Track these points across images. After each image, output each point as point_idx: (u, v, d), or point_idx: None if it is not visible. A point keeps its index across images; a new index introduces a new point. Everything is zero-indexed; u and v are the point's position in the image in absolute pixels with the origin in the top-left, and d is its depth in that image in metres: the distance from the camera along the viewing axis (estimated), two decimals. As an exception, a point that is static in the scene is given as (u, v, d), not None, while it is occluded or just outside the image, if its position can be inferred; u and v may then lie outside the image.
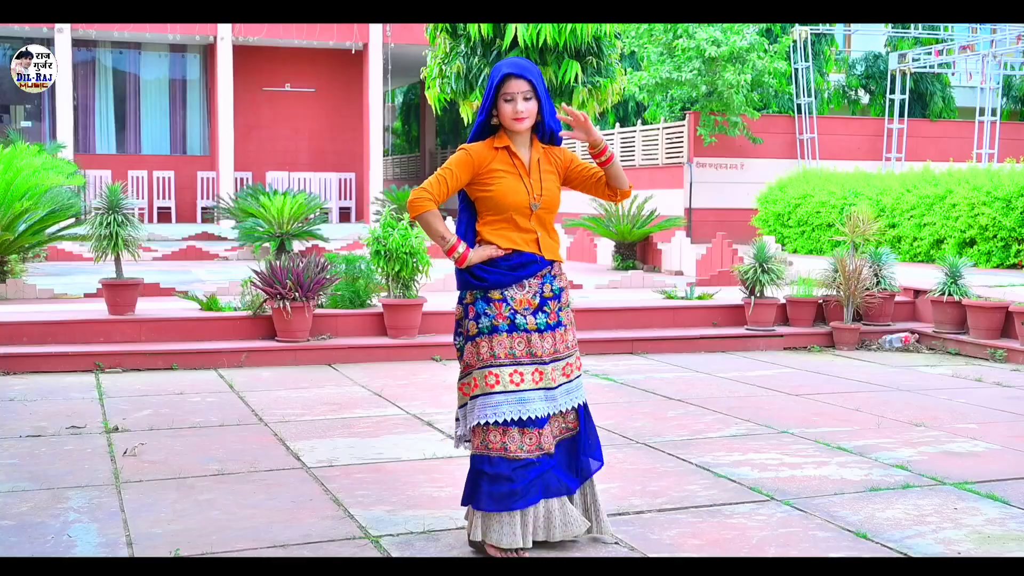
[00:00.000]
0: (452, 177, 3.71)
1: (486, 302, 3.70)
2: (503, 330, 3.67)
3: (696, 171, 19.92)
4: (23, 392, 6.77)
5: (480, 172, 3.72)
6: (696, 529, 4.14)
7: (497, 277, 3.70)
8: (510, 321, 3.68)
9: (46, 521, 4.15)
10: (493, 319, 3.68)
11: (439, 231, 3.70)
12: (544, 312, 3.74)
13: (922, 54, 23.28)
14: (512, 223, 3.74)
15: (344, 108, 22.79)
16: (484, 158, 3.73)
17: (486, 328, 3.68)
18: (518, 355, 3.68)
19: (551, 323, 3.75)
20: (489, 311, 3.69)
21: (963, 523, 4.25)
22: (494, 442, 3.68)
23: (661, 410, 6.47)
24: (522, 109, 3.66)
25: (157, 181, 21.37)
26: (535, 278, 3.75)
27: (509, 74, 3.65)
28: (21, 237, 10.14)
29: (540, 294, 3.75)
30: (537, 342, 3.70)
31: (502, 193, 3.70)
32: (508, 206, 3.71)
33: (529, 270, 3.73)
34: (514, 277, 3.71)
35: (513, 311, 3.69)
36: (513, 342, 3.68)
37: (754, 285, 9.39)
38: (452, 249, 3.70)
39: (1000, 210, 12.78)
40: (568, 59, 9.84)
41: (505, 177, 3.71)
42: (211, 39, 20.93)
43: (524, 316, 3.70)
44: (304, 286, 8.05)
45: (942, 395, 7.10)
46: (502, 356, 3.67)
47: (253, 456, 5.22)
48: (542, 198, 3.76)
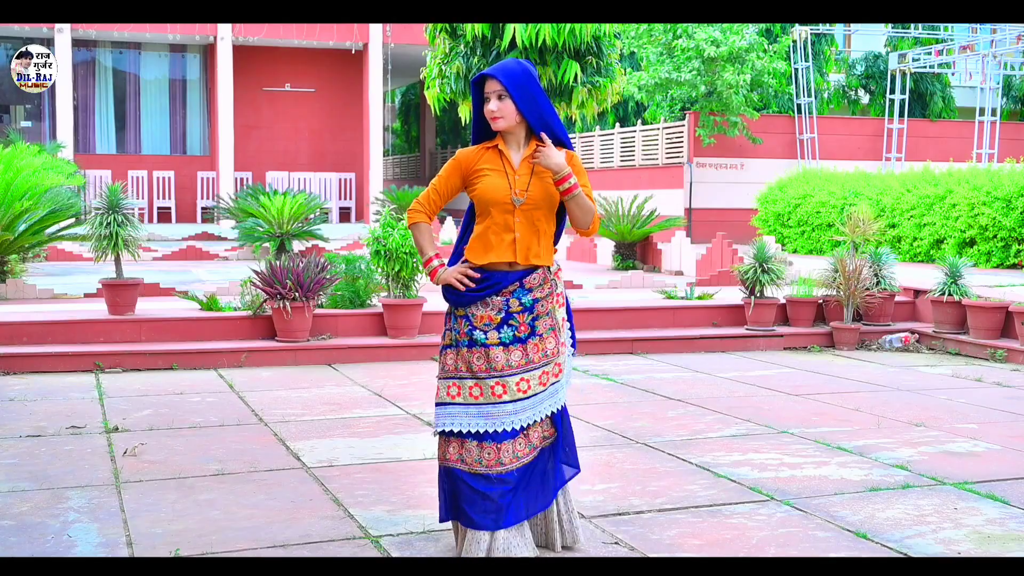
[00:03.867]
0: (442, 185, 3.81)
1: (454, 318, 3.77)
2: (463, 345, 3.70)
3: (696, 171, 19.92)
4: (23, 392, 6.77)
5: (468, 174, 3.76)
6: (696, 529, 4.14)
7: (457, 297, 3.74)
8: (468, 337, 3.70)
9: (46, 521, 4.15)
10: (457, 334, 3.73)
11: (421, 246, 3.86)
12: (510, 326, 3.68)
13: (922, 54, 23.28)
14: (493, 224, 3.71)
15: (344, 108, 22.80)
16: (472, 160, 3.76)
17: (451, 341, 3.75)
18: (476, 370, 3.67)
19: (520, 335, 3.68)
20: (455, 326, 3.75)
21: (963, 523, 4.25)
22: (451, 453, 3.67)
23: (661, 410, 6.47)
24: (493, 108, 3.67)
25: (157, 181, 21.37)
26: (499, 296, 3.70)
27: (483, 75, 3.73)
28: (21, 237, 10.14)
29: (505, 309, 3.69)
30: (500, 356, 3.65)
31: (483, 190, 3.71)
32: (488, 202, 3.71)
33: (493, 289, 3.70)
34: (472, 298, 3.70)
35: (472, 327, 3.69)
36: (471, 356, 3.68)
37: (754, 285, 9.39)
38: (427, 263, 3.80)
39: (1000, 210, 12.78)
40: (568, 59, 9.85)
41: (489, 175, 3.72)
42: (211, 39, 20.94)
43: (484, 332, 3.68)
44: (304, 286, 8.05)
45: (942, 395, 7.11)
46: (463, 369, 3.69)
47: (253, 456, 5.22)
48: (527, 194, 3.69)
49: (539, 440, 3.74)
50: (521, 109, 3.67)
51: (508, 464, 3.63)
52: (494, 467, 3.62)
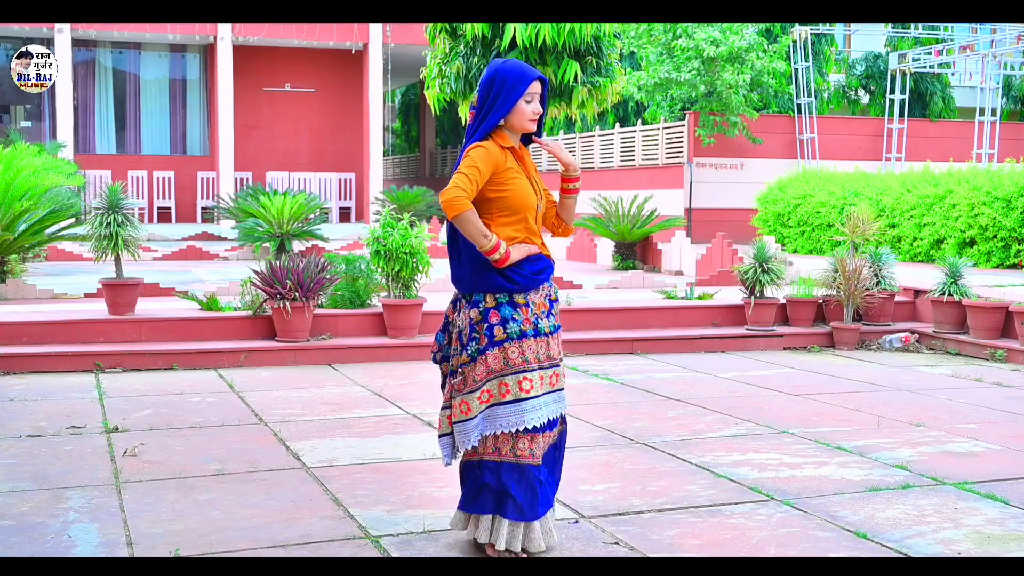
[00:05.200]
0: (479, 175, 3.59)
1: (512, 307, 3.64)
2: (530, 335, 3.65)
3: (696, 171, 19.92)
4: (23, 392, 6.77)
5: (497, 171, 3.67)
6: (696, 529, 4.14)
7: (527, 281, 3.66)
8: (534, 326, 3.66)
9: (46, 521, 4.15)
10: (521, 324, 3.63)
11: (481, 230, 3.56)
12: (552, 315, 3.76)
13: (922, 54, 23.29)
14: (525, 225, 3.72)
15: (344, 108, 22.80)
16: (499, 157, 3.68)
17: (515, 333, 3.62)
18: (542, 360, 3.68)
19: (555, 325, 3.76)
20: (517, 316, 3.64)
21: (963, 523, 4.25)
22: (523, 449, 3.66)
23: (661, 410, 6.47)
24: (538, 110, 3.73)
25: (157, 181, 21.37)
26: (547, 282, 3.78)
27: (536, 78, 3.72)
28: (21, 237, 10.14)
29: (548, 297, 3.77)
30: (553, 346, 3.72)
31: (517, 194, 3.67)
32: (523, 207, 3.69)
33: (546, 274, 3.74)
34: (537, 281, 3.70)
35: (536, 316, 3.68)
36: (538, 347, 3.67)
37: (754, 285, 9.39)
38: (494, 248, 3.58)
39: (1000, 210, 12.78)
40: (567, 59, 9.84)
41: (518, 177, 3.70)
42: (211, 39, 20.94)
43: (543, 320, 3.70)
44: (304, 286, 8.05)
45: (942, 395, 7.10)
46: (532, 361, 3.64)
47: (253, 456, 5.22)
48: (542, 199, 3.81)
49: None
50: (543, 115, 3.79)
51: (539, 455, 3.70)
52: (532, 459, 3.68)
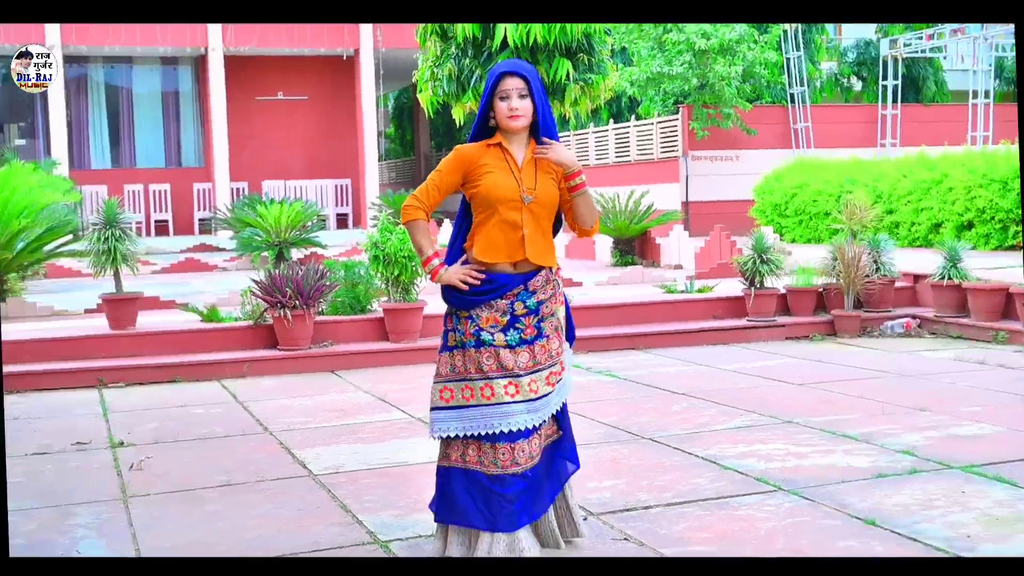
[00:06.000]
0: (442, 181, 3.70)
1: (456, 319, 3.70)
2: (471, 345, 3.64)
3: (691, 164, 19.92)
4: (27, 410, 6.77)
5: (470, 170, 3.67)
6: (704, 522, 4.14)
7: (458, 302, 3.67)
8: (476, 338, 3.63)
9: (55, 539, 4.15)
10: (462, 335, 3.66)
11: (419, 243, 3.74)
12: (516, 329, 3.65)
13: (913, 39, 23.28)
14: (500, 221, 3.65)
15: (337, 114, 22.79)
16: (474, 156, 3.68)
17: (457, 343, 3.68)
18: (486, 370, 3.62)
19: (526, 338, 3.66)
20: (460, 327, 3.68)
21: (971, 506, 4.25)
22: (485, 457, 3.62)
23: (665, 404, 6.47)
24: (516, 106, 3.62)
25: (153, 194, 21.36)
26: (504, 299, 3.66)
27: (504, 72, 3.63)
28: (20, 255, 10.15)
29: (510, 312, 3.65)
30: (508, 357, 3.62)
31: (489, 186, 3.64)
32: (496, 199, 3.63)
33: (497, 293, 3.65)
34: (477, 301, 3.65)
35: (478, 328, 3.64)
36: (481, 356, 3.62)
37: (754, 276, 9.39)
38: (426, 262, 3.70)
39: (997, 192, 12.78)
40: (559, 57, 9.82)
41: (494, 171, 3.65)
42: (202, 51, 20.93)
43: (491, 333, 3.63)
44: (304, 294, 8.05)
45: (946, 379, 7.10)
46: (474, 371, 3.63)
47: (259, 466, 5.21)
48: (535, 192, 3.67)
49: (545, 439, 3.75)
50: (538, 110, 3.67)
51: (523, 464, 3.61)
52: (510, 467, 3.59)
